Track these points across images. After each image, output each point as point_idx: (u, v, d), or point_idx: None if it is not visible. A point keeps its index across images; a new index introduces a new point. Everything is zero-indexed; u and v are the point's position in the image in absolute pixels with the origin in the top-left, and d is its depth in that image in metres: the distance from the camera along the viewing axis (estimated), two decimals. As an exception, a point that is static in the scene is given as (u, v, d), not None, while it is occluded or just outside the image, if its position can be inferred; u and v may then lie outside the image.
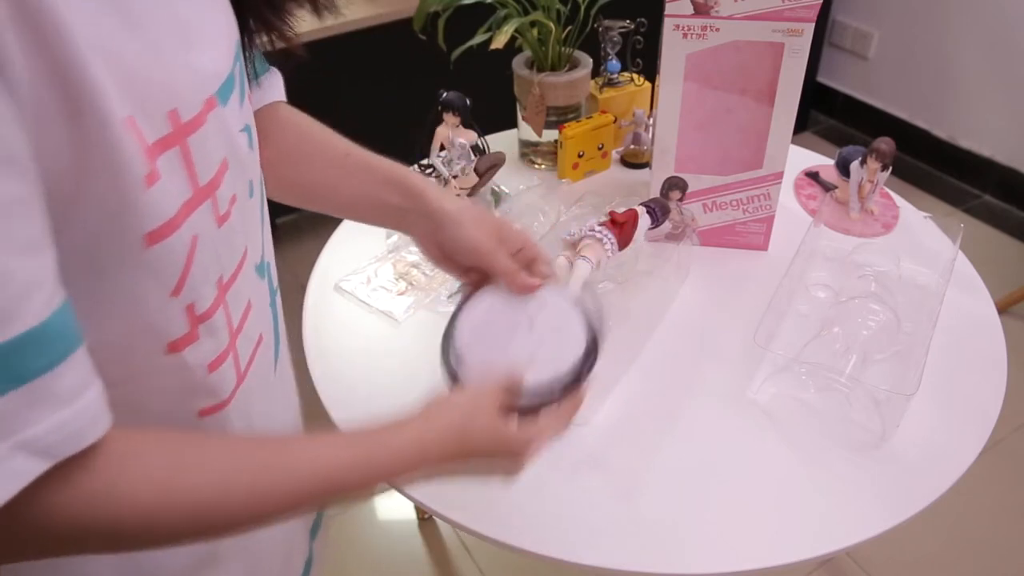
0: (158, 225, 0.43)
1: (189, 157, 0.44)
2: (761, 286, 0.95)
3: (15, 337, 0.35)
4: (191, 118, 0.44)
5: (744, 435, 0.82)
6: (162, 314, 0.46)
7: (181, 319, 0.47)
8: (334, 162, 0.72)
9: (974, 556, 1.60)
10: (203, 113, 0.45)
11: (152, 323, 0.46)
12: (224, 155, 0.49)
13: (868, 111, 2.78)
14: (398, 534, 1.66)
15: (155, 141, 0.42)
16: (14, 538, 0.40)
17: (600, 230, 0.86)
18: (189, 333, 0.48)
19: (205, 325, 0.49)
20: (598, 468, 0.78)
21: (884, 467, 0.78)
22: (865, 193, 1.09)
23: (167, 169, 0.43)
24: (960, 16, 2.42)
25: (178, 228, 0.44)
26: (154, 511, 0.43)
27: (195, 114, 0.45)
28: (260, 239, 0.57)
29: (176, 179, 0.44)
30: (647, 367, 0.89)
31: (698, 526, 0.73)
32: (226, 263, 0.51)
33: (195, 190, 0.45)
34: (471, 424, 0.56)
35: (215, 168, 0.47)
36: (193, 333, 0.48)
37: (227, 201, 0.49)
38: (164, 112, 0.42)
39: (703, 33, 0.90)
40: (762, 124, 0.96)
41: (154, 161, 0.41)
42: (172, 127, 0.43)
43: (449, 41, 1.14)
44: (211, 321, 0.49)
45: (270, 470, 0.47)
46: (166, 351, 0.47)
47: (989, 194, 2.55)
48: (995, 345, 0.92)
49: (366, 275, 1.03)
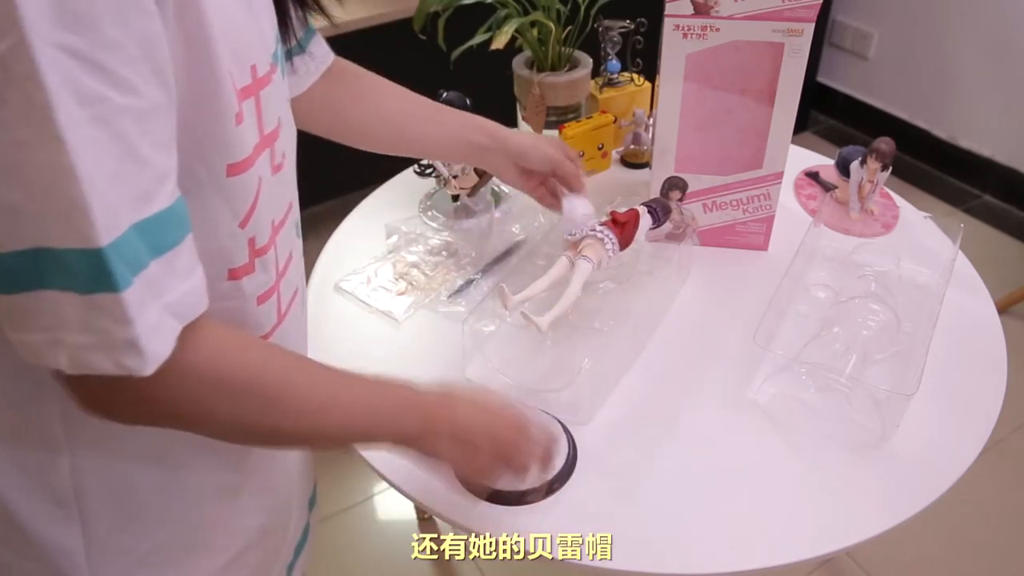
0: (239, 159, 0.50)
1: (259, 107, 0.52)
2: (761, 286, 0.95)
3: (156, 214, 0.43)
4: (264, 74, 0.52)
5: (744, 435, 0.82)
6: (232, 240, 0.53)
7: (244, 249, 0.54)
8: (426, 110, 0.91)
9: (974, 556, 1.60)
10: (270, 72, 0.53)
11: (222, 247, 0.53)
12: (279, 115, 0.56)
13: (868, 111, 2.78)
14: (398, 534, 1.66)
15: (242, 87, 0.49)
16: (164, 397, 0.48)
17: (601, 230, 0.86)
18: (248, 263, 0.55)
19: (261, 259, 0.56)
20: (598, 468, 0.78)
21: (884, 467, 0.78)
22: (865, 193, 1.09)
23: (248, 113, 0.50)
24: (960, 16, 2.42)
25: (252, 166, 0.51)
26: (251, 376, 0.52)
27: (266, 71, 0.52)
28: (296, 202, 0.64)
29: (252, 124, 0.51)
30: (647, 367, 0.89)
31: (698, 526, 0.73)
32: (277, 209, 0.58)
33: (261, 137, 0.53)
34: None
35: (275, 123, 0.54)
36: (251, 264, 0.55)
37: (280, 155, 0.56)
38: (248, 64, 0.50)
39: (703, 33, 0.90)
40: (762, 124, 0.96)
41: (241, 104, 0.49)
42: (251, 79, 0.50)
43: (449, 41, 1.14)
44: (266, 257, 0.56)
45: (334, 383, 0.58)
46: (228, 277, 0.54)
47: (989, 194, 2.55)
48: (995, 345, 0.92)
49: (366, 275, 1.03)
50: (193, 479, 0.61)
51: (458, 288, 1.01)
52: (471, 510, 0.73)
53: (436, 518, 0.93)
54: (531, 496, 0.74)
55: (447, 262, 1.05)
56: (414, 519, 1.68)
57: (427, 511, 0.75)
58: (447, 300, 0.99)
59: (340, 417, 0.58)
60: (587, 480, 0.76)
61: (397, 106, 0.90)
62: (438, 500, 0.74)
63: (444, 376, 0.87)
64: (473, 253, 1.06)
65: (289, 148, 0.59)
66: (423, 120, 0.91)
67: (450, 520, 0.73)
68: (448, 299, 0.99)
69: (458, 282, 1.02)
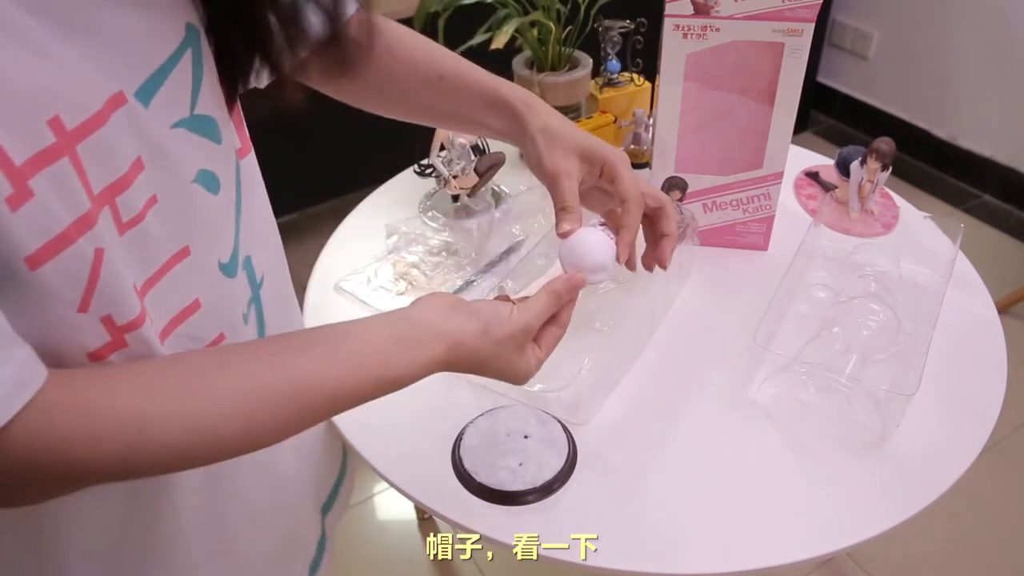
0: (37, 247, 0.39)
1: (80, 165, 0.40)
2: (761, 286, 0.95)
3: None
4: (83, 121, 0.40)
5: (744, 435, 0.82)
6: (75, 328, 0.43)
7: (98, 329, 0.44)
8: (428, 84, 0.73)
9: (974, 556, 1.60)
10: (103, 113, 0.41)
11: (64, 336, 0.43)
12: (137, 155, 0.44)
13: (868, 111, 2.78)
14: (398, 534, 1.66)
15: (30, 157, 0.38)
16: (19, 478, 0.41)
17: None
18: (112, 341, 0.45)
19: (133, 334, 0.46)
20: (598, 468, 0.78)
21: (884, 467, 0.78)
22: (865, 193, 1.09)
23: (48, 185, 0.39)
24: (960, 16, 2.42)
25: (71, 243, 0.40)
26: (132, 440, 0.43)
27: (88, 116, 0.40)
28: (232, 234, 0.55)
29: (65, 193, 0.40)
30: (647, 367, 0.89)
31: (698, 526, 0.73)
32: (149, 266, 0.48)
33: (93, 199, 0.41)
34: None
35: (121, 171, 0.43)
36: (118, 341, 0.45)
37: (142, 201, 0.45)
38: (40, 121, 0.38)
39: (703, 33, 0.90)
40: (762, 124, 0.96)
41: (24, 180, 0.38)
42: (55, 135, 0.39)
43: (449, 41, 1.14)
44: (139, 331, 0.46)
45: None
46: (89, 358, 0.45)
47: (989, 194, 2.55)
48: (995, 345, 0.92)
49: (366, 275, 1.03)
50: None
51: (458, 288, 1.01)
52: (471, 510, 0.73)
53: (436, 518, 0.93)
54: (531, 496, 0.74)
55: (447, 262, 1.05)
56: (414, 519, 1.68)
57: (427, 511, 0.75)
58: (447, 300, 0.99)
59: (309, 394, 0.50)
60: (587, 480, 0.76)
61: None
62: (438, 500, 0.74)
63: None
64: (473, 253, 1.06)
65: (178, 184, 0.48)
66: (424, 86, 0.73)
67: (450, 520, 0.73)
68: (448, 299, 0.99)
69: (458, 282, 1.02)
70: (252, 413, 0.47)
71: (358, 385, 0.52)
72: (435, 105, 0.74)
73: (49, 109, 0.39)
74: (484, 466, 0.75)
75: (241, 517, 0.64)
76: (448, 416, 0.81)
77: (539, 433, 0.78)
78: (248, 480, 0.63)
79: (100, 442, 0.42)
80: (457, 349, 0.57)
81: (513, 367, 0.62)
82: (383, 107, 0.76)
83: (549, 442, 0.77)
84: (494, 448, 0.76)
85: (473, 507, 0.74)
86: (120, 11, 0.43)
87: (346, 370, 0.52)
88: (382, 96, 0.75)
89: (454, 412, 0.81)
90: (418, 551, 1.62)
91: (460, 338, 0.57)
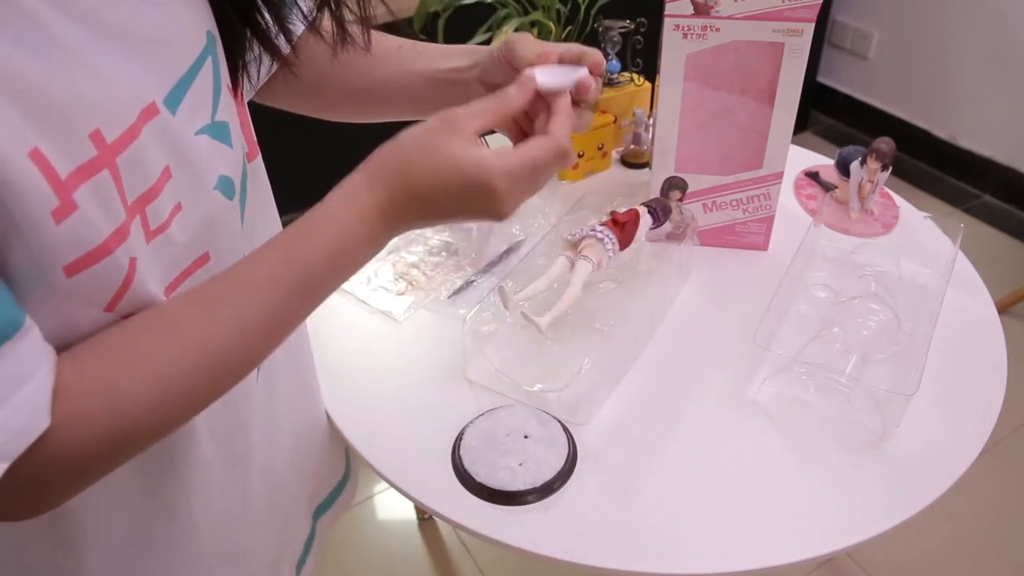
0: (78, 256, 0.40)
1: (119, 178, 0.41)
2: (761, 286, 0.95)
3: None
4: (121, 134, 0.41)
5: (744, 435, 0.82)
6: (97, 324, 0.44)
7: None
8: (389, 56, 0.72)
9: (974, 556, 1.60)
10: (138, 125, 0.42)
11: (87, 331, 0.44)
12: (166, 163, 0.45)
13: (868, 111, 2.78)
14: (398, 534, 1.66)
15: (74, 170, 0.38)
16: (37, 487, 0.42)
17: (601, 230, 0.86)
18: None
19: None
20: (598, 468, 0.78)
21: (884, 467, 0.78)
22: (865, 193, 1.09)
23: (91, 197, 0.39)
24: (960, 16, 2.42)
25: (109, 253, 0.41)
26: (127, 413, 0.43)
27: (125, 129, 0.41)
28: (240, 240, 0.55)
29: (105, 204, 0.40)
30: (647, 367, 0.89)
31: (698, 526, 0.73)
32: (174, 267, 0.48)
33: (127, 208, 0.42)
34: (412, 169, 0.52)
35: (152, 180, 0.44)
36: None
37: (168, 210, 0.46)
38: (83, 134, 0.38)
39: (703, 33, 0.90)
40: (762, 124, 0.96)
41: (69, 193, 0.38)
42: (96, 149, 0.39)
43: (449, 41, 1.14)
44: None
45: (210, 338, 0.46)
46: None
47: (989, 194, 2.55)
48: (995, 345, 0.92)
49: (366, 275, 1.03)
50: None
51: (458, 288, 1.01)
52: (471, 510, 0.73)
53: (436, 518, 0.93)
54: (531, 496, 0.74)
55: (447, 262, 1.05)
56: (414, 519, 1.68)
57: (427, 511, 0.75)
58: (447, 300, 0.99)
59: (265, 321, 0.48)
60: (587, 480, 0.76)
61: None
62: (438, 500, 0.74)
63: (444, 371, 0.87)
64: (473, 253, 1.06)
65: (200, 189, 0.48)
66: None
67: (450, 520, 0.73)
68: (448, 299, 0.99)
69: (458, 282, 1.02)
70: (221, 336, 0.46)
71: (308, 258, 0.49)
72: (400, 75, 0.71)
73: (90, 122, 0.39)
74: (484, 466, 0.75)
75: (246, 517, 0.65)
76: (448, 416, 0.81)
77: (539, 433, 0.78)
78: (252, 481, 0.65)
79: (82, 422, 0.41)
80: (383, 169, 0.52)
81: (476, 187, 0.52)
82: (352, 109, 0.74)
83: (549, 442, 0.77)
84: (494, 448, 0.76)
85: (473, 507, 0.74)
86: (149, 18, 0.44)
87: (287, 249, 0.50)
88: (349, 97, 0.73)
89: (454, 412, 0.82)
90: (418, 551, 1.62)
91: (379, 154, 0.52)
